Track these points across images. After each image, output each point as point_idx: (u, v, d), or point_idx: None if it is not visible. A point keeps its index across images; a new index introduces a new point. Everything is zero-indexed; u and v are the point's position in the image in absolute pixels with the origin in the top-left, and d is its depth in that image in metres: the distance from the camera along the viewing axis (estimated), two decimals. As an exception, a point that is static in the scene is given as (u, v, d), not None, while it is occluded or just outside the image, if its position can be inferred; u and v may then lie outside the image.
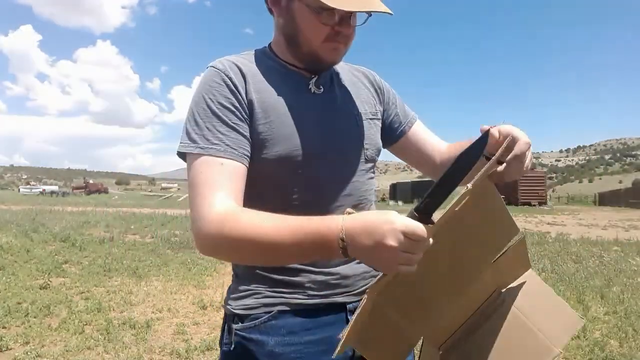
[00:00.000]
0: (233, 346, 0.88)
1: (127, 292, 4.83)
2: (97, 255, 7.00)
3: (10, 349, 3.16)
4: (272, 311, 0.87)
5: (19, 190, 58.21)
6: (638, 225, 14.38)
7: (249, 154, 0.85)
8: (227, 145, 0.82)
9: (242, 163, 0.83)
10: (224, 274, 5.95)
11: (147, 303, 4.45)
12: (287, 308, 0.87)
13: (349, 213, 0.71)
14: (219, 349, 0.93)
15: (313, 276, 0.89)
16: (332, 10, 0.82)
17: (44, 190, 49.50)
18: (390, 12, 0.84)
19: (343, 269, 0.91)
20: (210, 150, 0.81)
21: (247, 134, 0.85)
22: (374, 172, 1.03)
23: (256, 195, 0.89)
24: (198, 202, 0.78)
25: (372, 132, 1.00)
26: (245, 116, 0.86)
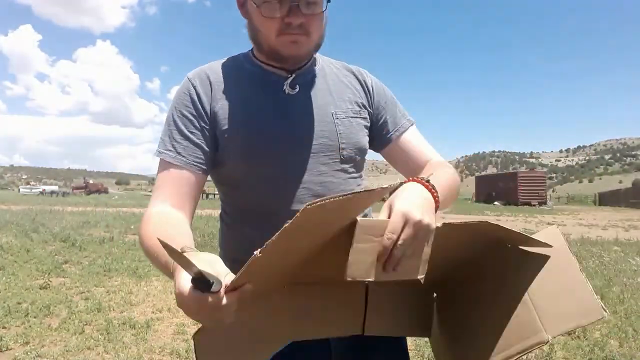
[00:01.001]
0: None
1: (127, 292, 4.83)
2: (97, 255, 7.00)
3: (10, 349, 3.16)
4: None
5: (19, 190, 58.16)
6: (638, 225, 14.39)
7: (202, 161, 0.90)
8: (178, 152, 0.89)
9: (189, 170, 0.88)
10: (224, 274, 5.95)
11: (147, 303, 4.45)
12: None
13: (183, 251, 0.61)
14: None
15: None
16: (273, 2, 0.82)
17: (44, 190, 49.46)
18: None
19: None
20: (164, 155, 0.89)
21: (203, 142, 0.90)
22: (357, 172, 1.00)
23: (238, 196, 0.95)
24: None
25: (353, 131, 0.97)
26: (203, 124, 0.90)
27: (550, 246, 0.80)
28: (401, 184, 0.76)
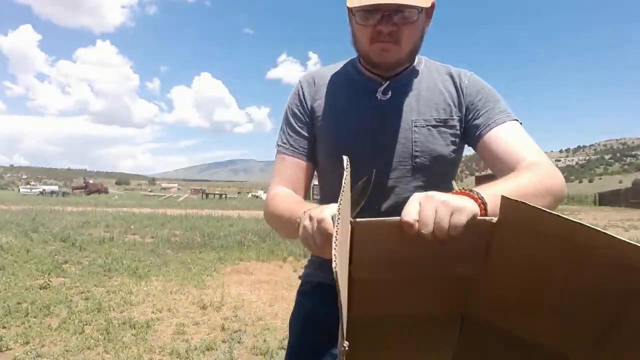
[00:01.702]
0: (295, 303, 1.13)
1: (127, 292, 4.84)
2: (97, 255, 7.00)
3: (10, 349, 3.16)
4: (314, 282, 1.08)
5: (19, 190, 58.08)
6: (638, 225, 14.40)
7: (310, 151, 1.05)
8: (291, 145, 1.05)
9: (300, 158, 1.04)
10: (224, 274, 5.95)
11: (147, 303, 4.46)
12: (326, 281, 1.04)
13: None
14: (218, 349, 0.97)
15: None
16: (366, 11, 0.88)
17: (44, 190, 49.38)
18: (407, 3, 0.84)
19: None
20: (280, 148, 1.07)
21: (309, 135, 1.05)
22: (436, 181, 0.98)
23: (322, 189, 1.11)
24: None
25: (430, 139, 0.97)
26: (308, 120, 1.05)
27: None
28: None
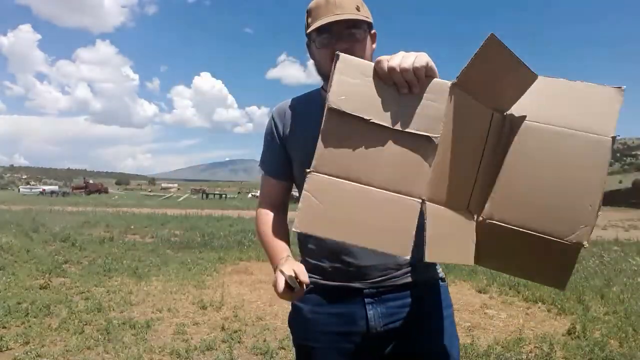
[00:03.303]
0: (290, 309, 1.20)
1: (127, 292, 4.83)
2: (97, 255, 7.00)
3: (10, 349, 3.16)
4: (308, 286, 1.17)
5: (18, 190, 58.05)
6: (638, 225, 14.39)
7: (284, 170, 1.19)
8: (267, 164, 1.22)
9: (275, 178, 1.20)
10: (224, 274, 5.95)
11: (147, 303, 4.45)
12: (317, 285, 1.11)
13: (287, 257, 1.05)
14: (218, 349, 0.98)
15: (336, 264, 1.09)
16: (320, 35, 1.02)
17: (43, 190, 49.34)
18: (354, 17, 0.98)
19: (361, 261, 1.07)
20: (260, 166, 1.25)
21: (283, 158, 1.18)
22: None
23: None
24: None
25: None
26: (281, 145, 1.19)
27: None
28: None
